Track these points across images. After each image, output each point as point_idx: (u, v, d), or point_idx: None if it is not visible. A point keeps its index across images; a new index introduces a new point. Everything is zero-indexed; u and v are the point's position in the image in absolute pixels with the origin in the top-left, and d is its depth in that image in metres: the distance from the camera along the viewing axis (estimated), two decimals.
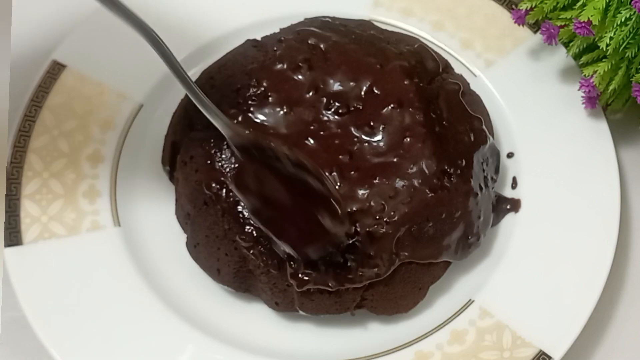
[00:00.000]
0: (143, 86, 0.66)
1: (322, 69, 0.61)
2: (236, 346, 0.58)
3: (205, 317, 0.59)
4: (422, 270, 0.59)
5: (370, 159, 0.58)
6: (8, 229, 0.60)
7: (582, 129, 0.65)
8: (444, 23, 0.70)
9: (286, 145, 0.54)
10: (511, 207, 0.63)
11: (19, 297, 0.57)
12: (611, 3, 0.60)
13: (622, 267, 0.64)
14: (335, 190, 0.54)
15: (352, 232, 0.56)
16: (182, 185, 0.61)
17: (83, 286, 0.58)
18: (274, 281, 0.57)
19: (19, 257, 0.59)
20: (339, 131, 0.59)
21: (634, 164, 0.68)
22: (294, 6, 0.68)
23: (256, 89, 0.61)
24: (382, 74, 0.61)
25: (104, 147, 0.64)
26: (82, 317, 0.57)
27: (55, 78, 0.65)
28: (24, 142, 0.63)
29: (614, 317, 0.63)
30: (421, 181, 0.57)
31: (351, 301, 0.58)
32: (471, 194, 0.59)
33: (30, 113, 0.64)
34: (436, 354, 0.57)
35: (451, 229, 0.58)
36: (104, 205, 0.62)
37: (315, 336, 0.60)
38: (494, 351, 0.57)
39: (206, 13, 0.69)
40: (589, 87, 0.63)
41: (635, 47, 0.61)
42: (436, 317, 0.59)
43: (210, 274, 0.60)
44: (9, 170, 0.62)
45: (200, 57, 0.67)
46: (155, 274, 0.61)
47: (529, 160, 0.65)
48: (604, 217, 0.61)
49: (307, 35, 0.63)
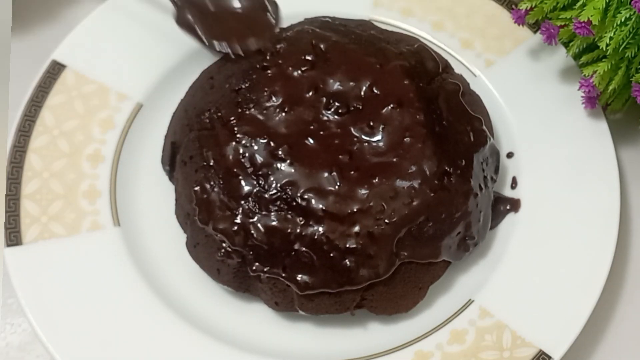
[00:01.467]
0: (143, 86, 0.66)
1: (322, 68, 0.61)
2: (236, 346, 0.58)
3: (205, 317, 0.59)
4: (422, 270, 0.59)
5: (370, 158, 0.58)
6: (8, 229, 0.60)
7: (582, 129, 0.65)
8: (444, 23, 0.70)
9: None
10: (511, 207, 0.63)
11: (19, 297, 0.57)
12: (611, 3, 0.60)
13: (622, 267, 0.64)
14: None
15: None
16: (182, 185, 0.61)
17: (83, 286, 0.58)
18: (274, 281, 0.58)
19: (19, 257, 0.59)
20: (339, 131, 0.59)
21: (634, 164, 0.68)
22: (294, 6, 0.68)
23: (256, 88, 0.61)
24: (382, 74, 0.61)
25: (104, 147, 0.64)
26: (82, 317, 0.57)
27: (55, 78, 0.65)
28: (24, 142, 0.63)
29: (614, 317, 0.63)
30: (421, 181, 0.57)
31: (351, 301, 0.58)
32: (471, 194, 0.59)
33: (30, 113, 0.64)
34: (436, 353, 0.57)
35: (451, 228, 0.58)
36: (104, 205, 0.62)
37: (315, 336, 0.60)
38: (494, 351, 0.57)
39: None
40: (589, 87, 0.63)
41: (635, 47, 0.61)
42: (436, 317, 0.60)
43: (210, 274, 0.60)
44: (9, 170, 0.62)
45: (200, 57, 0.67)
46: (155, 274, 0.61)
47: (529, 160, 0.65)
48: (604, 217, 0.61)
49: (307, 35, 0.63)
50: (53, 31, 0.68)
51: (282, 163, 0.58)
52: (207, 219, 0.58)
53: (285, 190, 0.57)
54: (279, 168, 0.58)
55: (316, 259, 0.56)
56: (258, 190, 0.57)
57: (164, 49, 0.68)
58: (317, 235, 0.56)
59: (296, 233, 0.56)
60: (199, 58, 0.67)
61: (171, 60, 0.68)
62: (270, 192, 0.57)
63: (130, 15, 0.68)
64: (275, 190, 0.57)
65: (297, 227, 0.56)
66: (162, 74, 0.67)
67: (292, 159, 0.58)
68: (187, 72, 0.67)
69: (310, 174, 0.57)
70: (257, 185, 0.57)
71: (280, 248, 0.56)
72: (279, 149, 0.58)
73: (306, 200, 0.56)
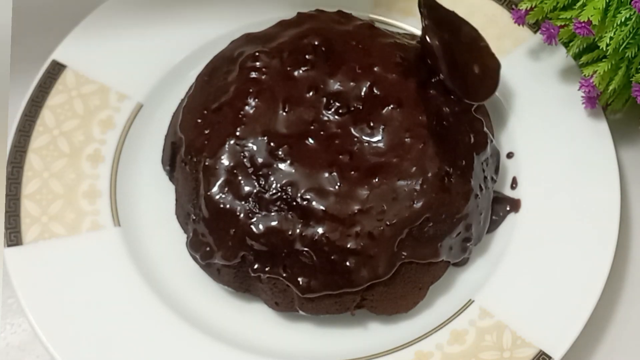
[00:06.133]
0: (143, 86, 0.66)
1: (322, 69, 0.61)
2: (236, 346, 0.58)
3: (205, 317, 0.59)
4: (422, 270, 0.59)
5: (370, 159, 0.58)
6: (8, 229, 0.60)
7: (582, 129, 0.65)
8: None
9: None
10: (511, 207, 0.63)
11: (19, 297, 0.57)
12: (611, 3, 0.60)
13: (622, 267, 0.64)
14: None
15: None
16: (182, 185, 0.61)
17: (83, 286, 0.58)
18: (274, 281, 0.58)
19: (19, 257, 0.59)
20: (339, 131, 0.59)
21: (634, 164, 0.68)
22: (294, 6, 0.68)
23: (256, 88, 0.61)
24: (382, 74, 0.61)
25: (104, 147, 0.64)
26: (82, 317, 0.57)
27: (55, 78, 0.65)
28: (24, 142, 0.63)
29: (614, 317, 0.63)
30: (422, 182, 0.57)
31: (351, 301, 0.58)
32: (471, 194, 0.59)
33: (30, 113, 0.64)
34: (436, 354, 0.57)
35: (451, 229, 0.58)
36: (104, 205, 0.62)
37: (315, 336, 0.60)
38: (494, 351, 0.57)
39: (207, 13, 0.69)
40: (589, 87, 0.63)
41: (635, 47, 0.61)
42: (436, 317, 0.59)
43: (210, 274, 0.60)
44: (9, 170, 0.62)
45: (200, 57, 0.67)
46: (155, 274, 0.61)
47: (529, 160, 0.65)
48: (604, 217, 0.61)
49: (308, 35, 0.63)
50: (53, 31, 0.68)
51: (283, 163, 0.58)
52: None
53: (286, 190, 0.57)
54: (279, 168, 0.58)
55: (316, 259, 0.56)
56: (258, 190, 0.57)
57: (164, 49, 0.68)
58: (317, 236, 0.56)
59: (296, 233, 0.56)
60: (199, 58, 0.67)
61: (171, 60, 0.68)
62: (270, 193, 0.57)
63: (130, 15, 0.68)
64: (275, 191, 0.57)
65: (297, 227, 0.56)
66: (162, 74, 0.67)
67: (292, 159, 0.58)
68: (187, 72, 0.67)
69: (311, 174, 0.57)
70: (257, 186, 0.57)
71: (280, 248, 0.56)
72: (279, 149, 0.58)
73: (306, 200, 0.56)
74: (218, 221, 0.57)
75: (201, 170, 0.58)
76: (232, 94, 0.61)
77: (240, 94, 0.60)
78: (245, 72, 0.61)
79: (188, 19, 0.69)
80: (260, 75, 0.61)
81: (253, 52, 0.62)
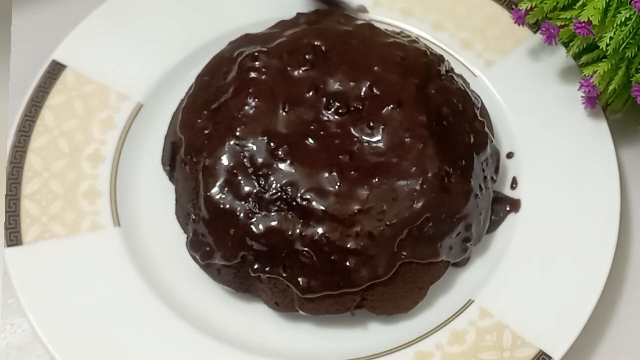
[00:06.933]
0: (143, 86, 0.66)
1: (322, 69, 0.61)
2: (236, 346, 0.58)
3: (205, 317, 0.59)
4: (422, 270, 0.59)
5: (370, 159, 0.58)
6: (8, 229, 0.60)
7: (582, 129, 0.65)
8: (444, 23, 0.70)
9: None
10: (511, 207, 0.63)
11: (19, 297, 0.57)
12: (611, 3, 0.60)
13: (622, 267, 0.64)
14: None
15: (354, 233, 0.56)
16: (182, 185, 0.61)
17: (83, 286, 0.58)
18: (274, 281, 0.58)
19: (19, 257, 0.59)
20: (339, 131, 0.59)
21: (634, 164, 0.68)
22: (294, 6, 0.68)
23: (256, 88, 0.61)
24: (382, 74, 0.61)
25: (104, 147, 0.64)
26: (82, 317, 0.57)
27: (55, 78, 0.65)
28: (24, 142, 0.63)
29: (614, 317, 0.63)
30: (422, 182, 0.57)
31: (351, 301, 0.58)
32: (471, 194, 0.59)
33: (30, 113, 0.64)
34: (436, 354, 0.57)
35: (451, 229, 0.58)
36: (104, 205, 0.62)
37: (315, 336, 0.60)
38: (494, 351, 0.57)
39: (206, 13, 0.69)
40: (589, 87, 0.63)
41: (635, 47, 0.61)
42: (436, 317, 0.59)
43: (210, 274, 0.60)
44: (9, 170, 0.62)
45: (200, 57, 0.67)
46: (155, 274, 0.61)
47: (529, 160, 0.65)
48: (604, 217, 0.61)
49: (308, 35, 0.63)
50: (53, 31, 0.68)
51: (282, 163, 0.58)
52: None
53: (286, 190, 0.57)
54: (279, 168, 0.58)
55: (316, 259, 0.56)
56: (258, 190, 0.57)
57: (164, 49, 0.68)
58: (317, 236, 0.56)
59: (296, 233, 0.56)
60: (199, 58, 0.67)
61: (171, 60, 0.68)
62: (270, 193, 0.57)
63: (130, 15, 0.68)
64: (275, 191, 0.57)
65: (297, 227, 0.56)
66: (162, 74, 0.67)
67: (292, 159, 0.58)
68: (187, 72, 0.67)
69: (311, 174, 0.57)
70: (257, 186, 0.57)
71: (280, 248, 0.56)
72: (279, 149, 0.58)
73: (306, 200, 0.56)
74: (218, 221, 0.57)
75: (201, 171, 0.58)
76: (232, 94, 0.61)
77: (240, 94, 0.60)
78: (245, 72, 0.61)
79: (188, 19, 0.69)
80: (260, 75, 0.61)
81: (253, 52, 0.62)
